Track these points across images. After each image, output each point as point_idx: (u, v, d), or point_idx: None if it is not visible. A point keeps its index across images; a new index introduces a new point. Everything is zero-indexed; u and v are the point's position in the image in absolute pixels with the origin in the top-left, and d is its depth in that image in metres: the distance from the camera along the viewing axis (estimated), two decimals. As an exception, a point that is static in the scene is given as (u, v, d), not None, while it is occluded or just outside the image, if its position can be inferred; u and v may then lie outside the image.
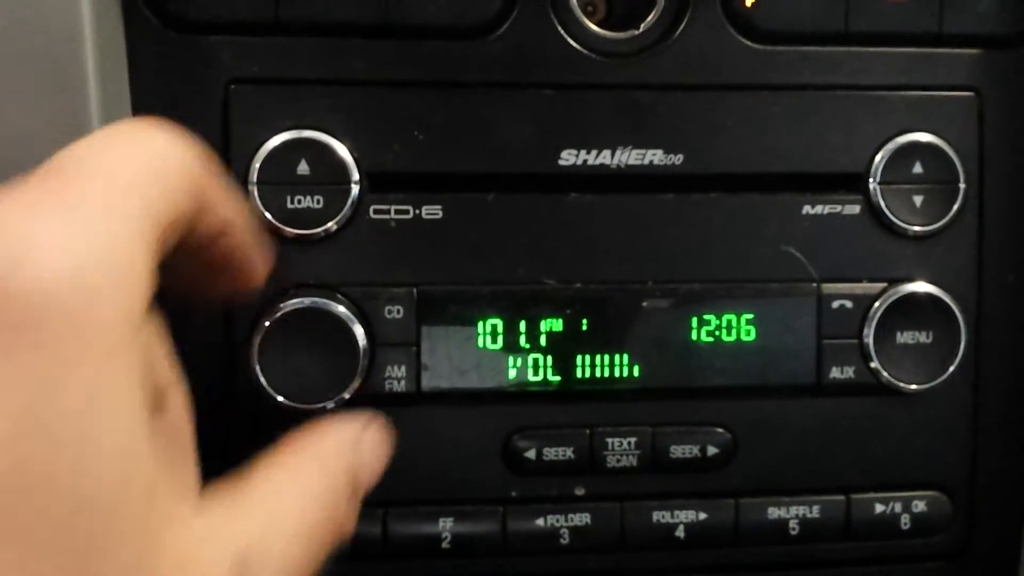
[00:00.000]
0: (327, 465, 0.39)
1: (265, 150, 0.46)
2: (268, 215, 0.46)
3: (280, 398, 0.46)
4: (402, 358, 0.47)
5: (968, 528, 0.53)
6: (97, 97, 0.42)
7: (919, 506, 0.52)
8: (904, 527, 0.51)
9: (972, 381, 0.52)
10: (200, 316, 0.47)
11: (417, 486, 0.49)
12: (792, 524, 0.51)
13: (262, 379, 0.46)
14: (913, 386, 0.50)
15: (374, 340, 0.47)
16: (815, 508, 0.51)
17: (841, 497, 0.51)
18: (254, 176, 0.46)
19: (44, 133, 0.42)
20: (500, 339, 0.48)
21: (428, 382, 0.48)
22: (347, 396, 0.46)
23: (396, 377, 0.47)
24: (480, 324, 0.48)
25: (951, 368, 0.50)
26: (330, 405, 0.46)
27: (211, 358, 0.47)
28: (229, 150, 0.46)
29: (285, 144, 0.46)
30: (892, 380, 0.50)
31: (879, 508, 0.51)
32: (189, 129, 0.45)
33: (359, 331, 0.46)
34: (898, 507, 0.51)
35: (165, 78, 0.46)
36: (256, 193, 0.46)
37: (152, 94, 0.46)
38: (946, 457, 0.52)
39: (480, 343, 0.48)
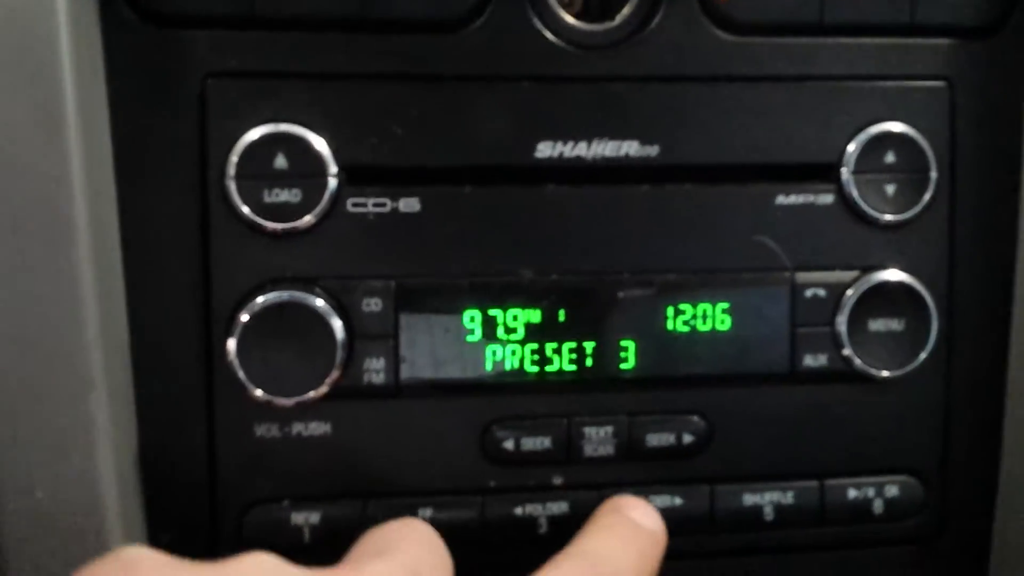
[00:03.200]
0: None
1: (242, 144, 0.46)
2: (246, 209, 0.46)
3: (259, 392, 0.46)
4: (380, 350, 0.48)
5: (941, 512, 0.54)
6: (73, 91, 0.42)
7: (892, 491, 0.52)
8: (877, 512, 0.52)
9: (944, 367, 0.52)
10: (178, 311, 0.47)
11: (396, 477, 0.49)
12: (767, 510, 0.51)
13: (241, 373, 0.46)
14: (885, 372, 0.51)
15: (352, 333, 0.47)
16: (789, 494, 0.52)
17: (815, 483, 0.52)
18: (231, 170, 0.46)
19: (19, 128, 0.42)
20: (478, 330, 0.49)
21: (406, 374, 0.48)
22: (325, 389, 0.47)
23: (375, 369, 0.48)
24: (458, 316, 0.48)
25: (923, 355, 0.51)
26: (309, 398, 0.47)
27: (190, 353, 0.47)
28: (206, 144, 0.46)
29: (262, 138, 0.46)
30: (865, 367, 0.50)
31: (852, 493, 0.52)
32: (166, 122, 0.46)
33: (337, 324, 0.46)
34: (871, 492, 0.52)
35: (142, 72, 0.46)
36: (233, 187, 0.46)
37: (129, 88, 0.46)
38: (918, 442, 0.53)
39: (458, 334, 0.49)
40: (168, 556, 0.34)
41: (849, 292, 0.50)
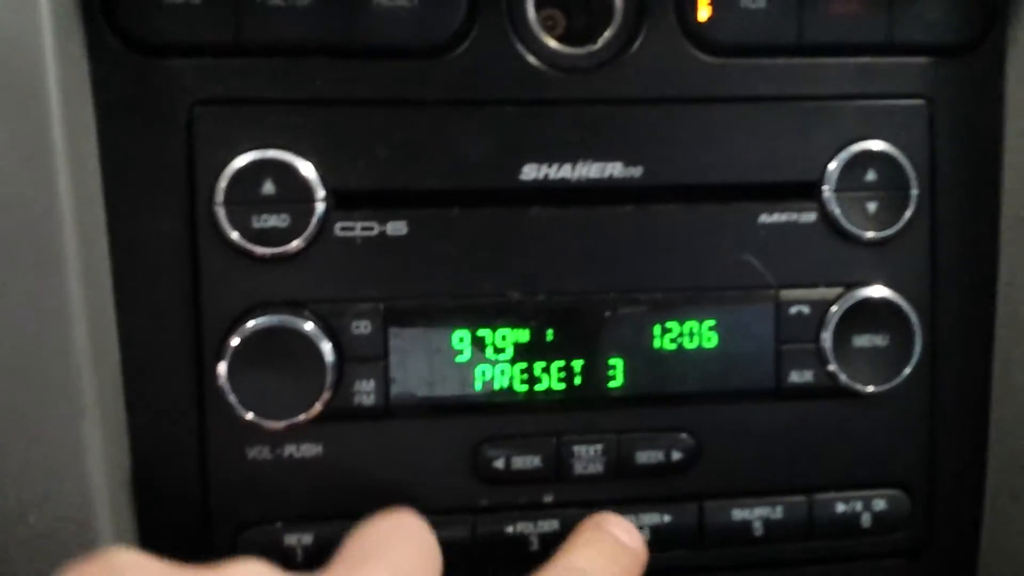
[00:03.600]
0: None
1: (230, 170, 0.46)
2: (235, 235, 0.47)
3: (250, 415, 0.46)
4: (370, 372, 0.48)
5: (928, 525, 0.54)
6: (60, 120, 0.43)
7: (879, 505, 0.53)
8: (865, 525, 0.53)
9: (928, 382, 0.53)
10: (169, 336, 0.47)
11: (388, 497, 0.49)
12: (756, 525, 0.52)
13: (232, 397, 0.46)
14: (870, 388, 0.51)
15: (342, 355, 0.48)
16: (778, 509, 0.52)
17: (803, 497, 0.52)
18: (220, 196, 0.46)
19: (7, 157, 0.42)
20: (467, 351, 0.49)
21: (397, 395, 0.49)
22: (316, 411, 0.47)
23: (365, 391, 0.48)
24: (447, 336, 0.49)
25: (907, 370, 0.51)
26: (300, 420, 0.47)
27: (181, 377, 0.48)
28: (194, 171, 0.47)
29: (250, 164, 0.47)
30: (849, 383, 0.51)
31: (840, 507, 0.52)
32: (154, 150, 0.47)
33: (326, 347, 0.47)
34: (859, 506, 0.53)
35: (129, 101, 0.46)
36: (222, 213, 0.46)
37: (117, 117, 0.46)
38: (905, 456, 0.53)
39: (447, 355, 0.49)
40: (157, 560, 0.34)
41: (833, 309, 0.51)
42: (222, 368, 0.46)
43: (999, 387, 0.53)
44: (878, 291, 0.51)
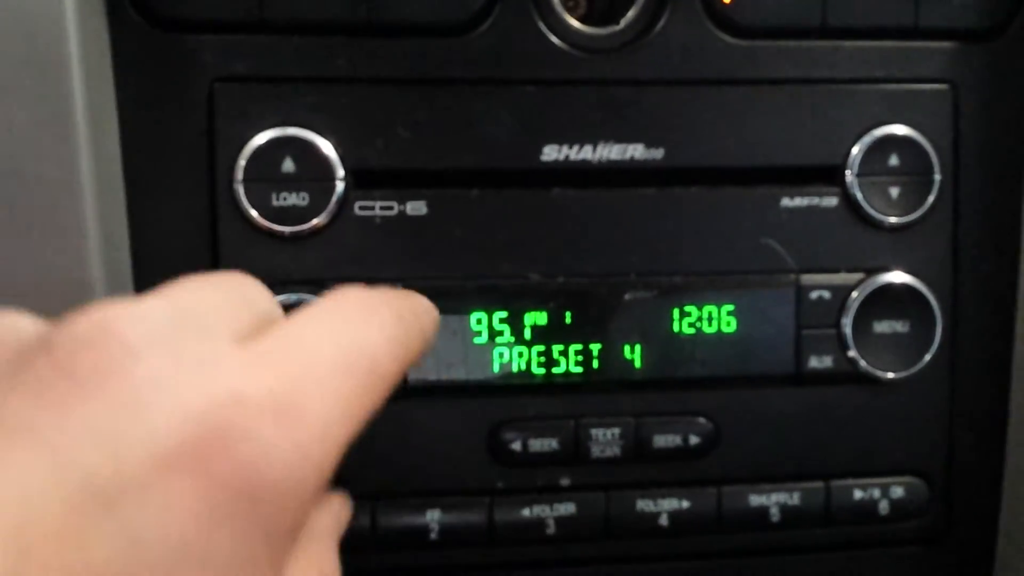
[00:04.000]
0: (378, 311, 0.35)
1: (250, 148, 0.46)
2: (254, 213, 0.46)
3: (267, 394, 0.46)
4: None
5: (946, 513, 0.54)
6: (82, 96, 0.42)
7: (897, 492, 0.53)
8: (883, 512, 0.52)
9: (948, 368, 0.53)
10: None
11: (405, 479, 0.49)
12: (773, 511, 0.52)
13: (250, 375, 0.46)
14: (890, 374, 0.51)
15: None
16: (795, 495, 0.52)
17: (821, 484, 0.52)
18: (239, 174, 0.46)
19: (29, 133, 0.42)
20: (485, 333, 0.49)
21: (414, 376, 0.48)
22: (334, 391, 0.47)
23: None
24: (465, 318, 0.49)
25: (927, 356, 0.51)
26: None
27: None
28: (214, 148, 0.47)
29: (270, 142, 0.46)
30: (870, 369, 0.51)
31: (858, 494, 0.52)
32: (174, 127, 0.46)
33: (346, 327, 0.46)
34: (877, 493, 0.52)
35: (150, 77, 0.46)
36: (241, 191, 0.46)
37: (137, 93, 0.46)
38: (923, 443, 0.53)
39: (465, 337, 0.49)
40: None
41: (854, 294, 0.50)
42: (240, 347, 0.46)
43: (1019, 374, 0.52)
44: (899, 277, 0.51)
